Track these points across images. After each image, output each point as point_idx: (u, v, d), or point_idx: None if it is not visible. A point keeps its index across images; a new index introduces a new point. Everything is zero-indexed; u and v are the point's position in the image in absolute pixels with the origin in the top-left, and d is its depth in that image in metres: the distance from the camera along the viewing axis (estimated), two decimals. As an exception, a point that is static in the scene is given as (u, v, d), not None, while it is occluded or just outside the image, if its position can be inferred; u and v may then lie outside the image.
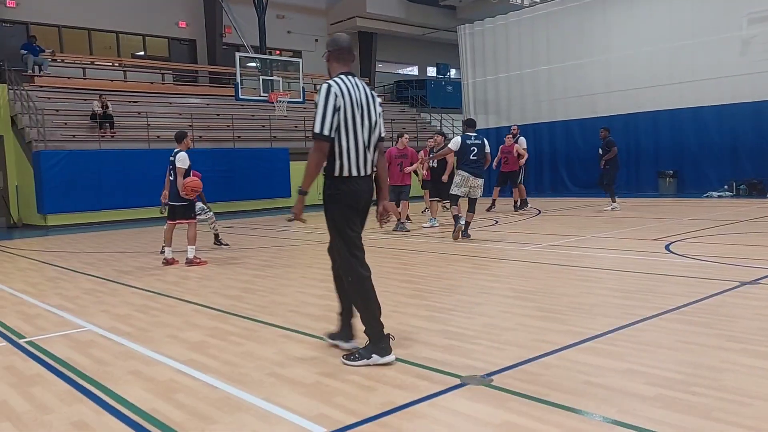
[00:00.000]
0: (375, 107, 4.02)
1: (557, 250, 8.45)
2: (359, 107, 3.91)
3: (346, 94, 3.85)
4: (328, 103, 3.79)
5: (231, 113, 21.12)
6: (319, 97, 3.85)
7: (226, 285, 7.00)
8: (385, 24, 28.55)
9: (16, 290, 7.20)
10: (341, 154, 3.87)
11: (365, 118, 3.94)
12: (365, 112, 3.94)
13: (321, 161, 3.87)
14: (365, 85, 4.06)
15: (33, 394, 3.64)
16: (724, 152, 17.88)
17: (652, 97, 19.22)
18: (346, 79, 3.92)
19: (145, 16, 23.33)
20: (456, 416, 3.06)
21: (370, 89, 4.07)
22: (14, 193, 18.03)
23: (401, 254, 8.86)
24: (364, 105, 3.94)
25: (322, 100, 3.81)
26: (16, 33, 20.74)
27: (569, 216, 13.42)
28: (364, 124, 3.93)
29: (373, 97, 4.05)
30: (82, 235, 14.12)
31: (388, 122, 25.01)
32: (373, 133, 4.00)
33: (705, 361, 3.68)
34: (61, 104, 18.71)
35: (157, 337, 4.81)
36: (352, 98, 3.87)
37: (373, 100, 4.03)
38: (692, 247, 8.13)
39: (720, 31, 17.40)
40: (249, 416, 3.18)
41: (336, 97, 3.81)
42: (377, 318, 3.94)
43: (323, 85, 3.88)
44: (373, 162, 4.05)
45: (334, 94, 3.81)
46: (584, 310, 5.09)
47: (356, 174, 3.92)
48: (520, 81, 22.94)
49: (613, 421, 2.91)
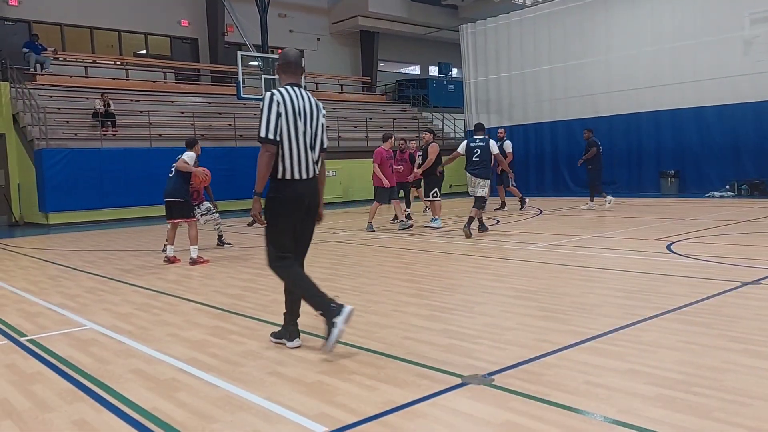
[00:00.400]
0: (319, 117, 4.30)
1: (559, 250, 8.45)
2: (301, 115, 4.16)
3: (288, 103, 4.11)
4: (271, 110, 4.07)
5: (233, 112, 21.13)
6: (263, 104, 4.12)
7: (228, 284, 7.00)
8: (387, 23, 28.54)
9: (18, 288, 7.21)
10: (283, 158, 4.12)
11: (308, 125, 4.20)
12: (308, 120, 4.20)
13: (269, 163, 4.09)
14: (311, 97, 4.32)
15: (34, 392, 3.65)
16: (726, 152, 17.87)
17: (653, 97, 19.21)
18: (290, 89, 4.18)
19: (147, 15, 23.34)
20: (457, 416, 3.06)
21: (315, 100, 4.34)
22: (16, 191, 18.06)
23: (403, 253, 8.86)
24: (307, 114, 4.20)
25: (266, 107, 4.08)
26: (18, 31, 20.76)
27: (571, 216, 13.41)
28: (306, 131, 4.18)
29: (318, 108, 4.32)
30: (84, 233, 14.13)
31: (389, 121, 25.02)
32: (316, 140, 4.26)
33: (706, 362, 3.68)
34: (63, 102, 18.72)
35: (158, 336, 4.81)
36: (295, 107, 4.13)
37: (317, 110, 4.30)
38: (694, 248, 8.13)
39: (722, 32, 17.39)
40: (250, 415, 3.18)
41: (278, 104, 4.08)
42: (317, 292, 4.20)
43: (266, 94, 4.16)
44: (315, 166, 4.28)
45: (276, 101, 4.08)
46: (586, 309, 5.09)
47: (298, 177, 4.17)
48: (521, 80, 22.94)
49: (613, 421, 2.91)
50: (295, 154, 4.13)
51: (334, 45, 29.14)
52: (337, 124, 22.79)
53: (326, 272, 7.52)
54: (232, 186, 18.69)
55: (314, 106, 4.27)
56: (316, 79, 26.67)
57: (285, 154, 4.11)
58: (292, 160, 4.13)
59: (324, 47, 28.55)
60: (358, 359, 4.01)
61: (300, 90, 4.24)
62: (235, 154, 19.24)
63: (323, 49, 28.47)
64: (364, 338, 4.49)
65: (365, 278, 7.00)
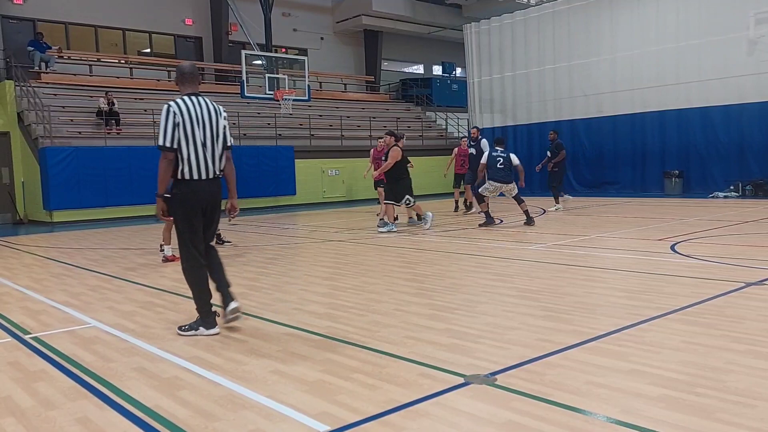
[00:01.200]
0: (219, 121, 4.74)
1: (562, 250, 8.44)
2: (199, 122, 4.63)
3: (185, 112, 4.58)
4: (168, 120, 4.55)
5: (236, 111, 21.13)
6: (161, 115, 4.60)
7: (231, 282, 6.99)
8: (391, 22, 28.52)
9: (22, 286, 7.24)
10: (182, 160, 4.58)
11: (206, 130, 4.66)
12: (207, 126, 4.66)
13: (168, 168, 4.57)
14: (210, 103, 4.76)
15: (37, 390, 3.66)
16: (731, 153, 17.83)
17: (658, 96, 19.17)
18: (187, 99, 4.66)
19: (151, 14, 23.37)
20: (459, 415, 3.06)
21: (216, 106, 4.79)
22: (20, 189, 18.10)
23: (405, 252, 8.86)
24: (205, 120, 4.66)
25: (163, 118, 4.57)
26: (22, 30, 20.80)
27: (574, 216, 13.39)
28: (206, 136, 4.65)
29: (218, 113, 4.77)
30: (88, 231, 14.16)
31: (393, 120, 25.01)
32: (216, 143, 4.71)
33: (709, 362, 3.67)
34: (67, 101, 18.76)
35: (161, 334, 4.82)
36: (191, 114, 4.60)
37: (216, 115, 4.74)
38: (697, 248, 8.11)
39: (727, 31, 17.34)
40: (252, 414, 3.18)
41: (174, 115, 4.55)
42: (206, 300, 4.77)
43: (164, 106, 4.62)
44: (216, 167, 4.73)
45: (173, 112, 4.56)
46: (588, 309, 5.08)
47: (196, 177, 4.64)
48: (525, 80, 22.91)
49: (616, 421, 2.91)
50: (192, 158, 4.59)
51: (338, 44, 29.13)
52: (341, 123, 22.79)
53: (329, 271, 7.52)
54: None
55: (213, 112, 4.72)
56: (319, 78, 26.66)
57: (183, 157, 4.57)
58: (190, 163, 4.59)
59: (328, 46, 28.55)
60: (360, 358, 4.01)
61: (198, 98, 4.70)
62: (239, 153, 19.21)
63: (327, 48, 28.47)
64: (366, 337, 4.49)
65: (368, 277, 7.00)
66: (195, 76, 4.82)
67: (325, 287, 6.49)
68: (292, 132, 22.01)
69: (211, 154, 4.69)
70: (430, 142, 25.37)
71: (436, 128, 27.61)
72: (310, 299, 5.94)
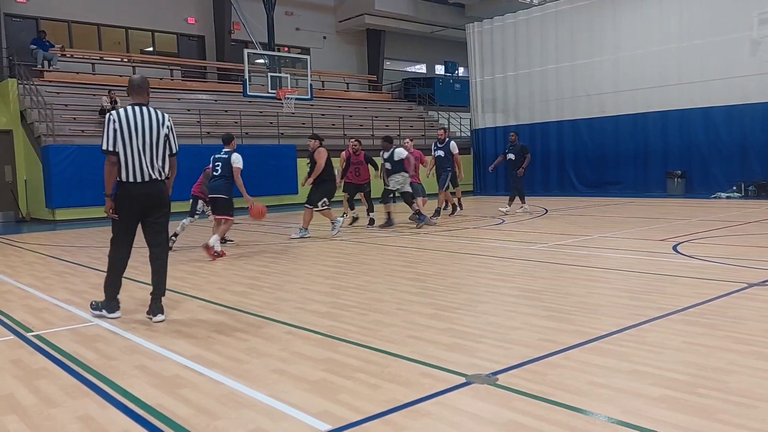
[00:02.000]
0: (160, 129, 5.13)
1: (564, 250, 8.43)
2: (137, 129, 5.05)
3: (124, 120, 5.03)
4: (108, 127, 5.04)
5: (239, 110, 21.16)
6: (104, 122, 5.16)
7: (232, 281, 7.01)
8: (394, 21, 28.50)
9: (24, 284, 7.25)
10: (120, 164, 5.05)
11: (145, 137, 5.07)
12: (146, 133, 5.07)
13: (111, 169, 5.05)
14: (154, 113, 5.16)
15: (39, 388, 3.66)
16: (733, 153, 17.80)
17: (660, 96, 19.14)
18: (130, 109, 5.10)
19: (154, 12, 23.39)
20: (460, 415, 3.06)
21: (160, 115, 5.18)
22: (23, 187, 18.13)
23: (407, 252, 8.86)
24: (146, 128, 5.08)
25: (105, 125, 5.09)
26: (25, 28, 20.83)
27: (576, 216, 13.37)
28: (144, 142, 5.06)
29: (159, 122, 5.14)
30: (90, 229, 14.18)
31: (395, 120, 25.00)
32: (156, 149, 5.11)
33: (711, 363, 3.66)
34: (70, 99, 18.79)
35: (162, 333, 4.83)
36: (130, 123, 5.04)
37: (158, 123, 5.13)
38: (700, 248, 8.10)
39: (730, 32, 17.31)
40: (253, 412, 3.19)
41: (114, 122, 5.03)
42: (114, 287, 5.38)
43: (107, 115, 5.16)
44: (154, 171, 5.13)
45: (112, 120, 5.04)
46: (590, 310, 5.08)
47: (132, 180, 5.07)
48: (528, 80, 22.89)
49: (617, 422, 2.91)
50: (130, 162, 5.03)
51: (341, 43, 29.12)
52: (343, 123, 22.78)
53: (330, 270, 7.52)
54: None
55: (155, 121, 5.12)
56: (322, 77, 26.66)
57: (122, 161, 5.02)
58: (128, 167, 5.04)
59: (330, 45, 28.55)
60: (362, 357, 4.02)
61: (142, 108, 5.12)
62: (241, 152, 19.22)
63: (329, 47, 28.46)
64: (367, 336, 4.49)
65: (369, 276, 7.00)
66: (142, 88, 5.24)
67: (326, 286, 6.50)
68: (294, 131, 22.00)
69: (149, 160, 5.09)
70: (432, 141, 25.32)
71: (439, 128, 27.56)
72: (311, 298, 5.95)
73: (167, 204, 5.31)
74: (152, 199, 5.17)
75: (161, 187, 5.22)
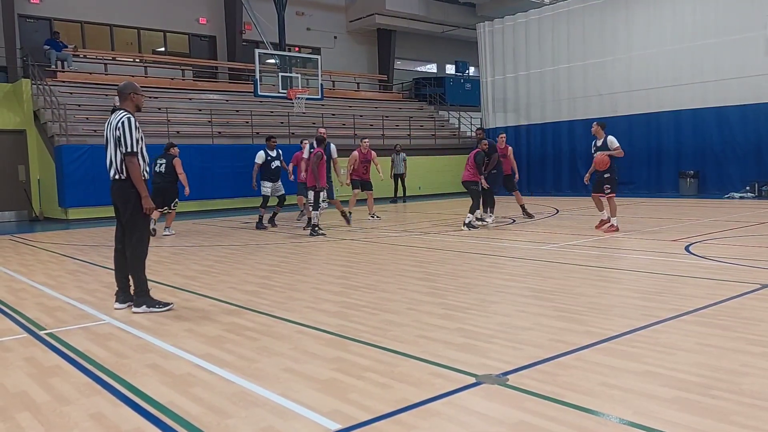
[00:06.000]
0: (114, 132, 5.50)
1: (575, 250, 8.39)
2: (105, 132, 5.62)
3: (107, 124, 5.62)
4: (132, 130, 5.52)
5: (250, 109, 21.21)
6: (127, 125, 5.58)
7: (244, 280, 7.04)
8: (405, 21, 28.48)
9: (37, 282, 7.31)
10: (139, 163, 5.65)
11: (108, 138, 5.58)
12: (108, 135, 5.56)
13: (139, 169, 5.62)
14: (116, 116, 5.56)
15: (52, 385, 3.69)
16: (747, 153, 17.64)
17: (674, 96, 19.01)
18: (111, 115, 5.62)
19: (166, 13, 23.50)
20: (471, 415, 3.05)
21: (116, 118, 5.54)
22: (36, 186, 18.28)
23: (417, 252, 8.85)
24: (108, 130, 5.57)
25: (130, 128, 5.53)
26: (39, 29, 21.00)
27: (588, 216, 13.30)
28: (107, 143, 5.58)
29: (111, 124, 5.52)
30: (103, 228, 14.27)
31: (406, 120, 24.97)
32: (111, 149, 5.55)
33: (724, 364, 3.63)
34: (83, 99, 18.92)
35: (174, 331, 4.85)
36: (106, 126, 5.63)
37: (114, 126, 5.49)
38: (712, 249, 8.03)
39: (744, 31, 17.16)
40: (264, 411, 3.19)
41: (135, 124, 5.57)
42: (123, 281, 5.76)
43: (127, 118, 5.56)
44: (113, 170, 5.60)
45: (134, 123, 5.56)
46: (602, 310, 5.05)
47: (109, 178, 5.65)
48: (540, 79, 22.80)
49: (629, 423, 2.89)
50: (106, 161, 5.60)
51: (351, 43, 29.13)
52: (354, 122, 22.79)
53: (341, 269, 7.53)
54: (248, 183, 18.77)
55: (113, 123, 5.51)
56: (332, 77, 26.68)
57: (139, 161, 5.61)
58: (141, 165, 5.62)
59: (341, 45, 28.56)
60: (372, 357, 4.02)
61: (115, 113, 5.59)
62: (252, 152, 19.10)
63: (340, 47, 28.48)
64: (378, 336, 4.49)
65: (380, 276, 7.00)
66: (123, 94, 5.70)
67: (337, 286, 6.50)
68: (305, 130, 21.99)
69: (109, 159, 5.58)
70: (442, 141, 25.32)
71: (449, 127, 27.54)
72: (322, 297, 5.96)
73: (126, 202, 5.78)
74: (115, 195, 5.80)
75: (121, 186, 5.70)
